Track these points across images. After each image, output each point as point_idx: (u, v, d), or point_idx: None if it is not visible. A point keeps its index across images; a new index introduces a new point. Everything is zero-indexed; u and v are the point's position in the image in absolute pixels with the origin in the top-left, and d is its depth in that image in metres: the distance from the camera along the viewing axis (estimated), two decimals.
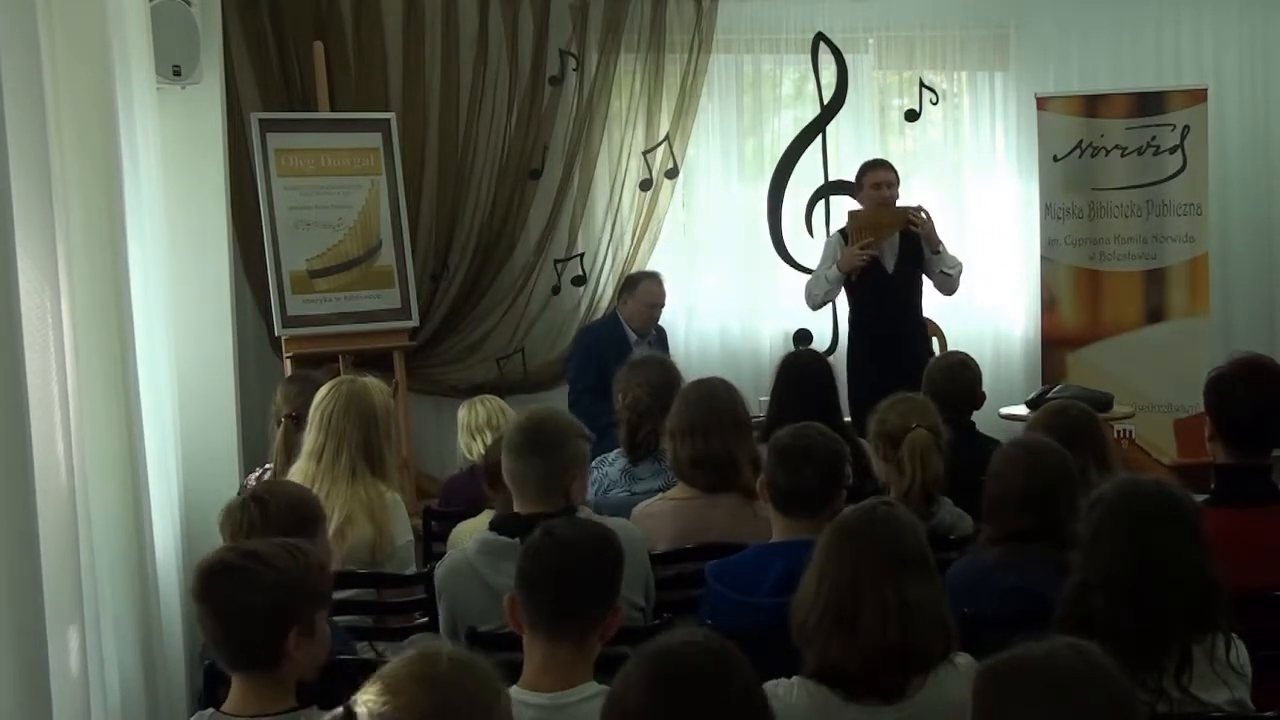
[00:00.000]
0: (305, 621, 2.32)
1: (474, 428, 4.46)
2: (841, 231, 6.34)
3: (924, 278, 6.22)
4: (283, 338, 6.21)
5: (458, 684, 1.89)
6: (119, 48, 3.78)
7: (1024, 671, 1.82)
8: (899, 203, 6.20)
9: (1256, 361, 3.29)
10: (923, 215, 6.10)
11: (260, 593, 2.29)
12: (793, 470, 3.08)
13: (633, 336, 6.19)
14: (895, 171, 6.25)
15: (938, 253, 6.12)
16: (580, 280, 7.22)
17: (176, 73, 4.99)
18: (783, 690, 2.45)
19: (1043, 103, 7.15)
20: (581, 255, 7.22)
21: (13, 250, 2.47)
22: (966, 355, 4.63)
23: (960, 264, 6.25)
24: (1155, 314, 7.11)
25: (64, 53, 3.32)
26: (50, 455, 2.69)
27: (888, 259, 6.15)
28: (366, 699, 1.88)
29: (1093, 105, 7.14)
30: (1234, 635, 2.52)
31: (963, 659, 2.49)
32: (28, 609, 2.41)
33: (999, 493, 3.09)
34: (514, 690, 2.39)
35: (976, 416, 4.51)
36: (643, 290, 6.25)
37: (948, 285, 6.24)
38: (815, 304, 6.43)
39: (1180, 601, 2.45)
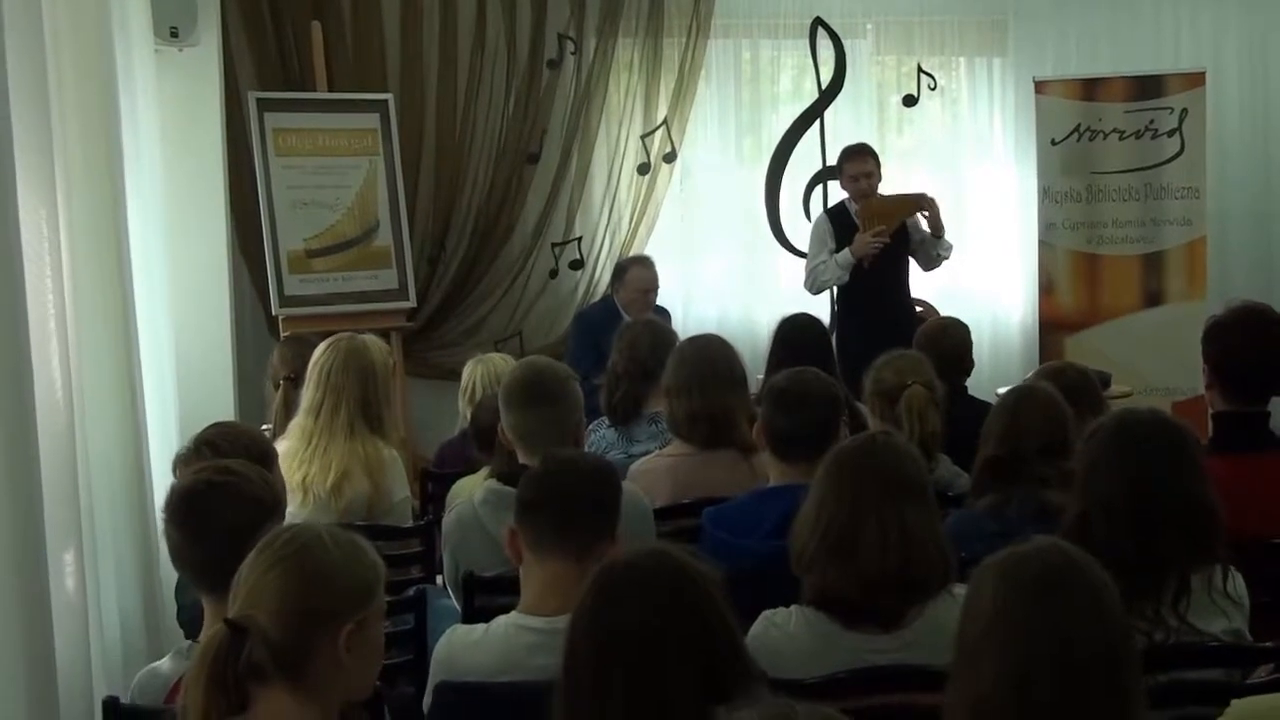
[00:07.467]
0: None
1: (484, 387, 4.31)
2: (827, 212, 6.37)
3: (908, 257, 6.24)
4: (280, 317, 6.19)
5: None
6: (117, 4, 3.79)
7: (1022, 564, 1.82)
8: (879, 187, 6.17)
9: (1254, 308, 3.29)
10: (930, 200, 6.11)
11: (240, 507, 2.31)
12: (790, 413, 3.06)
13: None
14: (874, 157, 6.16)
15: (939, 237, 6.14)
16: (578, 264, 7.22)
17: (174, 34, 4.99)
18: (780, 618, 2.46)
19: (1041, 87, 7.14)
20: (579, 239, 7.22)
21: (14, 212, 2.49)
22: (954, 319, 4.63)
23: (951, 247, 6.27)
24: (1153, 297, 7.11)
25: (64, 8, 3.34)
26: (50, 389, 2.71)
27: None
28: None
29: (1091, 89, 7.14)
30: (1231, 566, 2.52)
31: (960, 589, 2.48)
32: (29, 534, 2.46)
33: (984, 431, 3.10)
34: (514, 615, 2.40)
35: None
36: (631, 278, 6.17)
37: (932, 265, 6.29)
38: (819, 289, 6.37)
39: (1178, 529, 2.44)
